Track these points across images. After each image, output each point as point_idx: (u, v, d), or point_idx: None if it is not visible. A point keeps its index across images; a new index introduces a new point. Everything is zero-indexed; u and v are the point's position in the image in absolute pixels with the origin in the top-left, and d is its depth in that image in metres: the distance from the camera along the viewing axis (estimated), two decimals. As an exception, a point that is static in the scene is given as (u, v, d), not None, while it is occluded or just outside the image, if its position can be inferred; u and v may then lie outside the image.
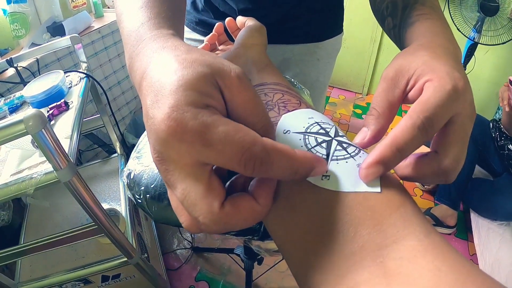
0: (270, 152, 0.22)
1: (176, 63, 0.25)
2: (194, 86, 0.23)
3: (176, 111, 0.22)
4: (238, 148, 0.22)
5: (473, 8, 1.92)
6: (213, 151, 0.22)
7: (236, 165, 0.22)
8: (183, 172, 0.23)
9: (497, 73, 2.36)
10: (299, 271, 0.26)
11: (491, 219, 1.70)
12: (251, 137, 0.22)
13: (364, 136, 0.30)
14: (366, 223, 0.24)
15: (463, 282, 0.20)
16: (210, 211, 0.23)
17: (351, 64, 2.96)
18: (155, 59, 0.27)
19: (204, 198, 0.23)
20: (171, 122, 0.22)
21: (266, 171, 0.23)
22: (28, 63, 1.32)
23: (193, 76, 0.24)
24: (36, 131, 0.68)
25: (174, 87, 0.23)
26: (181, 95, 0.23)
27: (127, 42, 0.34)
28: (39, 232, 1.24)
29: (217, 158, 0.22)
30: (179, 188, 0.23)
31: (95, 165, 1.57)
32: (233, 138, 0.22)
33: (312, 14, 0.81)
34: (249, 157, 0.22)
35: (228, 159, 0.22)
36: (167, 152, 0.23)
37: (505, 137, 1.70)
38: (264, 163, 0.22)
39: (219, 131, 0.22)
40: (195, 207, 0.23)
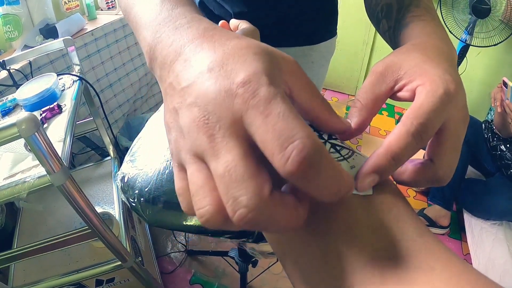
0: (324, 158, 0.19)
1: (243, 42, 0.24)
2: (268, 63, 0.22)
3: (253, 75, 0.21)
4: (293, 132, 0.18)
5: (465, 10, 1.94)
6: (268, 122, 0.19)
7: (280, 152, 0.18)
8: (232, 140, 0.20)
9: (489, 75, 2.39)
10: (294, 273, 0.26)
11: (484, 219, 1.71)
12: (311, 133, 0.19)
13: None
14: (360, 225, 0.24)
15: (457, 281, 0.20)
16: (259, 193, 0.19)
17: (344, 66, 2.97)
18: (209, 33, 0.26)
19: (254, 177, 0.19)
20: (243, 85, 0.20)
21: (309, 178, 0.19)
22: (20, 65, 1.31)
23: (266, 55, 0.23)
24: (29, 134, 0.68)
25: (250, 58, 0.22)
26: (258, 64, 0.22)
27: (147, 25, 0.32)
28: (33, 236, 1.23)
29: (266, 133, 0.19)
30: (223, 159, 0.20)
31: (88, 169, 1.56)
32: (293, 120, 0.19)
33: (306, 17, 0.81)
34: (300, 150, 0.18)
35: (276, 138, 0.19)
36: (218, 115, 0.21)
37: (497, 138, 1.72)
38: (313, 165, 0.18)
39: (284, 107, 0.19)
40: (241, 184, 0.19)
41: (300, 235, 0.25)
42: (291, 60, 0.25)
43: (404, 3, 0.48)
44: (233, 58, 0.22)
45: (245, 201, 0.19)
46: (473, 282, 0.20)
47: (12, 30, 1.41)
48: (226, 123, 0.20)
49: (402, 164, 0.27)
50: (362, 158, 0.28)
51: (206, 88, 0.21)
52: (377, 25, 0.57)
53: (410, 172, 0.30)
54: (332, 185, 0.20)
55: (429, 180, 0.29)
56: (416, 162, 0.30)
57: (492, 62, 2.33)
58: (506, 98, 1.50)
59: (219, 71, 0.22)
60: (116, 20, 1.77)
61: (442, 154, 0.29)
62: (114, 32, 1.76)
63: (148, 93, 2.20)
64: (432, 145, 0.29)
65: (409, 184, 0.30)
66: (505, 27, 1.86)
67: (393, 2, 0.51)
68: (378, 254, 0.22)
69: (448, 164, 0.29)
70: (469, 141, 1.78)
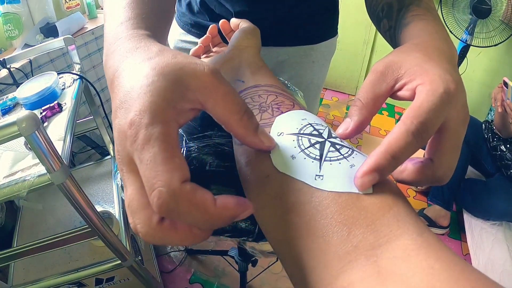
0: (181, 200, 0.22)
1: (147, 68, 0.26)
2: (162, 91, 0.24)
3: (137, 115, 0.23)
4: (153, 180, 0.22)
5: (465, 10, 1.93)
6: (140, 168, 0.23)
7: (148, 194, 0.22)
8: (131, 176, 0.24)
9: (489, 75, 2.38)
10: (294, 272, 0.26)
11: (484, 219, 1.71)
12: (171, 177, 0.22)
13: (347, 127, 0.30)
14: (360, 223, 0.24)
15: (457, 280, 0.20)
16: (148, 223, 0.23)
17: (344, 66, 2.97)
18: (128, 60, 0.28)
19: (144, 209, 0.23)
20: (130, 126, 0.23)
21: (172, 216, 0.23)
22: (21, 64, 1.31)
23: (162, 84, 0.24)
24: (29, 133, 0.68)
25: (142, 92, 0.24)
26: (145, 101, 0.23)
27: (105, 40, 0.34)
28: (32, 235, 1.23)
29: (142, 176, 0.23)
30: (126, 191, 0.24)
31: (88, 167, 1.56)
32: (157, 167, 0.22)
33: (307, 16, 0.81)
34: (157, 196, 0.21)
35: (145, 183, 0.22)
36: (122, 152, 0.24)
37: (498, 138, 1.72)
38: (171, 209, 0.22)
39: (151, 152, 0.22)
40: (136, 214, 0.23)
41: (300, 235, 0.25)
42: (204, 74, 0.25)
43: (404, 2, 0.48)
44: (132, 93, 0.25)
45: (139, 229, 0.23)
46: (473, 281, 0.20)
47: (13, 28, 1.41)
48: (124, 160, 0.24)
49: (402, 163, 0.27)
50: (362, 157, 0.28)
51: (115, 127, 0.25)
52: (378, 24, 0.57)
53: (410, 171, 0.30)
54: (198, 220, 0.23)
55: (428, 179, 0.30)
56: (416, 161, 0.30)
57: (493, 62, 2.33)
58: (506, 98, 1.50)
59: (121, 109, 0.25)
60: (117, 19, 1.76)
61: (442, 153, 0.29)
62: (114, 31, 1.76)
63: (148, 92, 2.20)
64: (432, 145, 0.30)
65: (409, 183, 0.31)
66: (505, 28, 1.86)
67: (394, 2, 0.51)
68: (377, 253, 0.22)
69: (448, 164, 0.29)
70: (469, 141, 1.78)
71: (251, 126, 0.27)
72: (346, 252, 0.23)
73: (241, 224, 0.46)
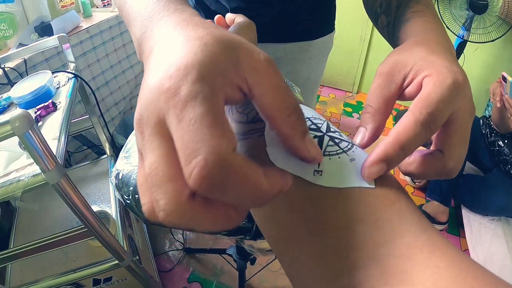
0: (231, 172, 0.18)
1: (202, 31, 0.23)
2: (214, 55, 0.21)
3: (182, 70, 0.20)
4: (192, 146, 0.18)
5: (462, 6, 1.93)
6: (179, 128, 0.19)
7: (187, 162, 0.18)
8: (156, 140, 0.20)
9: (486, 71, 2.39)
10: (293, 271, 0.25)
11: (483, 215, 1.71)
12: (220, 143, 0.18)
13: (363, 137, 0.30)
14: (361, 220, 0.23)
15: (464, 278, 0.19)
16: (176, 198, 0.18)
17: (341, 62, 2.97)
18: (178, 28, 0.25)
19: (173, 180, 0.19)
20: (170, 80, 0.20)
21: (214, 194, 0.18)
22: (15, 63, 1.30)
23: (216, 49, 0.22)
24: (22, 132, 0.67)
25: (193, 51, 0.21)
26: (196, 57, 0.21)
27: (136, 17, 0.32)
28: (29, 236, 1.22)
29: (177, 139, 0.19)
30: (148, 159, 0.20)
31: (85, 167, 1.55)
32: (203, 130, 0.18)
33: (304, 12, 0.81)
34: (200, 169, 0.17)
35: (184, 147, 0.18)
36: (148, 112, 0.20)
37: (495, 133, 1.72)
38: (216, 184, 0.18)
39: (197, 112, 0.19)
40: (160, 187, 0.19)
41: (299, 233, 0.25)
42: (260, 57, 0.23)
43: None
44: (179, 50, 0.21)
45: (162, 205, 0.19)
46: (479, 279, 0.19)
47: (7, 28, 1.40)
48: (152, 121, 0.20)
49: (409, 154, 0.27)
50: (362, 151, 0.28)
51: (148, 84, 0.21)
52: (375, 20, 0.56)
53: (418, 163, 0.29)
54: (245, 197, 0.19)
55: (438, 171, 0.29)
56: (425, 152, 0.30)
57: (490, 58, 2.33)
58: (505, 93, 1.50)
59: (158, 66, 0.22)
60: (112, 18, 1.75)
61: (452, 145, 0.28)
62: (109, 29, 1.75)
63: (145, 91, 2.19)
64: (441, 136, 0.29)
65: (417, 175, 0.30)
66: (502, 23, 1.86)
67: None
68: (380, 251, 0.21)
69: (458, 155, 0.29)
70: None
71: (299, 128, 0.23)
72: (348, 250, 0.22)
73: (239, 222, 0.46)
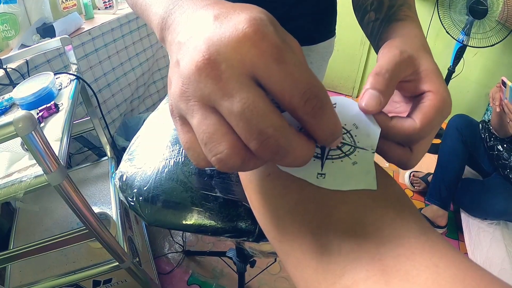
0: (329, 101, 0.21)
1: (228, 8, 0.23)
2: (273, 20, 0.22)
3: (258, 18, 0.20)
4: (307, 80, 0.20)
5: (462, 11, 1.94)
6: (285, 71, 0.20)
7: (298, 96, 0.20)
8: (245, 81, 0.20)
9: (486, 75, 2.39)
10: (296, 271, 0.26)
11: (482, 219, 1.71)
12: (319, 80, 0.21)
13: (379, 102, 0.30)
14: (363, 222, 0.24)
15: (463, 278, 0.20)
16: (283, 124, 0.20)
17: (341, 66, 2.98)
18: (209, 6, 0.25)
19: (275, 112, 0.20)
20: (249, 26, 0.20)
21: (321, 116, 0.21)
22: (17, 64, 1.30)
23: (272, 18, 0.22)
24: (26, 133, 0.67)
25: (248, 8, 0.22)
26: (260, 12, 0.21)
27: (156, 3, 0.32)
28: (29, 237, 1.22)
29: (283, 80, 0.20)
30: (238, 97, 0.20)
31: (85, 169, 1.55)
32: (307, 69, 0.20)
33: (305, 17, 0.81)
34: (314, 95, 0.20)
35: (294, 86, 0.20)
36: (230, 53, 0.20)
37: (495, 138, 1.72)
38: (322, 107, 0.21)
39: (296, 57, 0.20)
40: (265, 117, 0.20)
41: (302, 235, 0.25)
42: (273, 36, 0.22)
43: (397, 2, 0.50)
44: (239, 8, 0.22)
45: (271, 131, 0.20)
46: (478, 279, 0.20)
47: (9, 29, 1.40)
48: (233, 63, 0.20)
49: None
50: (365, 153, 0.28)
51: (210, 33, 0.21)
52: (362, 16, 0.58)
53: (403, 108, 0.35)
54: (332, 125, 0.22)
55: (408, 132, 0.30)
56: None
57: (489, 62, 2.34)
58: (504, 98, 1.50)
59: (224, 18, 0.21)
60: (114, 20, 1.76)
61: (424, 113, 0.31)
62: (111, 31, 1.75)
63: (145, 93, 2.20)
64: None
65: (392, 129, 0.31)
66: (502, 28, 1.87)
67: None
68: (381, 252, 0.22)
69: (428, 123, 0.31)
70: (466, 141, 1.79)
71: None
72: (350, 250, 0.23)
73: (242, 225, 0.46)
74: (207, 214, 0.47)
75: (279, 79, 0.20)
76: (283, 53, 0.20)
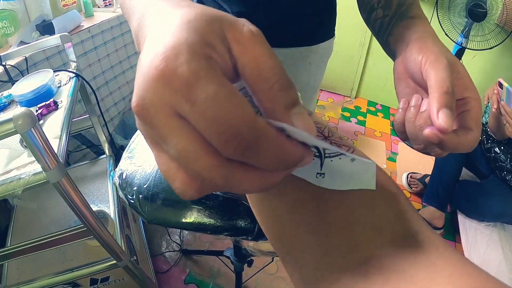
0: (261, 136, 0.18)
1: (186, 8, 0.23)
2: (199, 30, 0.20)
3: (171, 50, 0.19)
4: (223, 118, 0.18)
5: (461, 13, 1.95)
6: (195, 111, 0.18)
7: (215, 138, 0.18)
8: (174, 123, 0.19)
9: (484, 78, 2.40)
10: (295, 270, 0.26)
11: (478, 221, 1.72)
12: (244, 112, 0.18)
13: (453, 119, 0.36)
14: (362, 221, 0.24)
15: (459, 276, 0.20)
16: (217, 164, 0.19)
17: (340, 67, 2.98)
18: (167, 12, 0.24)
19: (207, 154, 0.19)
20: (162, 62, 0.19)
21: (249, 156, 0.19)
22: (16, 61, 1.29)
23: (200, 21, 0.21)
24: (25, 130, 0.67)
25: (177, 25, 0.21)
26: (181, 35, 0.20)
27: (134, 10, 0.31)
28: (27, 234, 1.22)
29: (197, 121, 0.18)
30: (170, 143, 0.19)
31: (83, 166, 1.55)
32: (222, 104, 0.18)
33: (305, 18, 0.81)
34: (233, 135, 0.18)
35: (207, 127, 0.18)
36: (151, 97, 0.19)
37: (492, 140, 1.73)
38: (249, 147, 0.18)
39: (209, 89, 0.18)
40: (196, 162, 0.19)
41: (301, 233, 0.25)
42: (245, 28, 0.22)
43: (406, 1, 0.52)
44: (166, 33, 0.21)
45: (206, 174, 0.19)
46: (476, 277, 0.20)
47: (8, 25, 1.40)
48: (158, 106, 0.19)
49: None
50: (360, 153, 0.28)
51: (138, 69, 0.21)
52: (369, 12, 0.59)
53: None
54: (274, 157, 0.19)
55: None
56: None
57: (487, 65, 2.35)
58: (501, 100, 1.50)
59: (151, 47, 0.21)
60: (113, 18, 1.76)
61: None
62: (111, 29, 1.75)
63: (144, 92, 2.19)
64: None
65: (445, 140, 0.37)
66: (500, 31, 1.88)
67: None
68: (379, 251, 0.22)
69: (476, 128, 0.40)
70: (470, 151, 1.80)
71: (281, 100, 0.21)
72: (349, 249, 0.23)
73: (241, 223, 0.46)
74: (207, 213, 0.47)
75: (193, 119, 0.18)
76: (192, 91, 0.18)
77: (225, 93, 0.18)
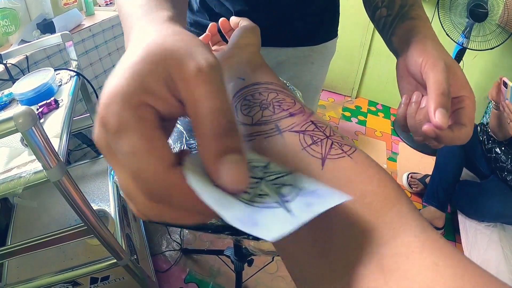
0: (170, 189, 0.20)
1: (154, 35, 0.24)
2: (141, 74, 0.21)
3: (107, 99, 0.21)
4: (137, 172, 0.20)
5: (462, 14, 1.95)
6: (119, 158, 0.20)
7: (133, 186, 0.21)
8: (113, 160, 0.21)
9: (485, 78, 2.40)
10: (295, 269, 0.26)
11: (479, 221, 1.72)
12: (156, 168, 0.19)
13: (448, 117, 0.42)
14: (363, 220, 0.24)
15: (461, 276, 0.20)
16: (143, 202, 0.21)
17: (341, 67, 2.98)
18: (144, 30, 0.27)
19: (139, 193, 0.21)
20: (101, 107, 0.21)
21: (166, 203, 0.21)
22: (17, 60, 1.30)
23: (145, 64, 0.21)
24: (26, 128, 0.67)
25: (129, 64, 0.22)
26: (120, 82, 0.21)
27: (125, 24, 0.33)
28: (27, 233, 1.22)
29: (121, 167, 0.21)
30: (116, 174, 0.22)
31: (84, 165, 1.55)
32: (139, 159, 0.19)
33: (308, 18, 0.81)
34: (145, 187, 0.20)
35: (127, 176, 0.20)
36: (96, 132, 0.22)
37: (493, 140, 1.73)
38: (162, 198, 0.20)
39: (130, 143, 0.19)
40: (135, 198, 0.21)
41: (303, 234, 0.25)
42: (191, 65, 0.21)
43: (408, 2, 0.54)
44: (119, 70, 0.22)
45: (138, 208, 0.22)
46: (477, 277, 0.20)
47: (9, 24, 1.40)
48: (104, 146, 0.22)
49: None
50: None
51: None
52: (374, 11, 0.62)
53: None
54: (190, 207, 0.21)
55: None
56: None
57: (488, 65, 2.35)
58: (505, 99, 1.50)
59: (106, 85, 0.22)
60: (114, 17, 1.76)
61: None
62: (112, 28, 1.75)
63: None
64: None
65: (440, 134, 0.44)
66: (502, 31, 1.88)
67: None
68: (381, 250, 0.22)
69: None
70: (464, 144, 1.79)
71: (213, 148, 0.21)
72: (350, 249, 0.23)
73: (242, 222, 0.46)
74: (208, 212, 0.47)
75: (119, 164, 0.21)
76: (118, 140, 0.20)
77: (145, 148, 0.19)
